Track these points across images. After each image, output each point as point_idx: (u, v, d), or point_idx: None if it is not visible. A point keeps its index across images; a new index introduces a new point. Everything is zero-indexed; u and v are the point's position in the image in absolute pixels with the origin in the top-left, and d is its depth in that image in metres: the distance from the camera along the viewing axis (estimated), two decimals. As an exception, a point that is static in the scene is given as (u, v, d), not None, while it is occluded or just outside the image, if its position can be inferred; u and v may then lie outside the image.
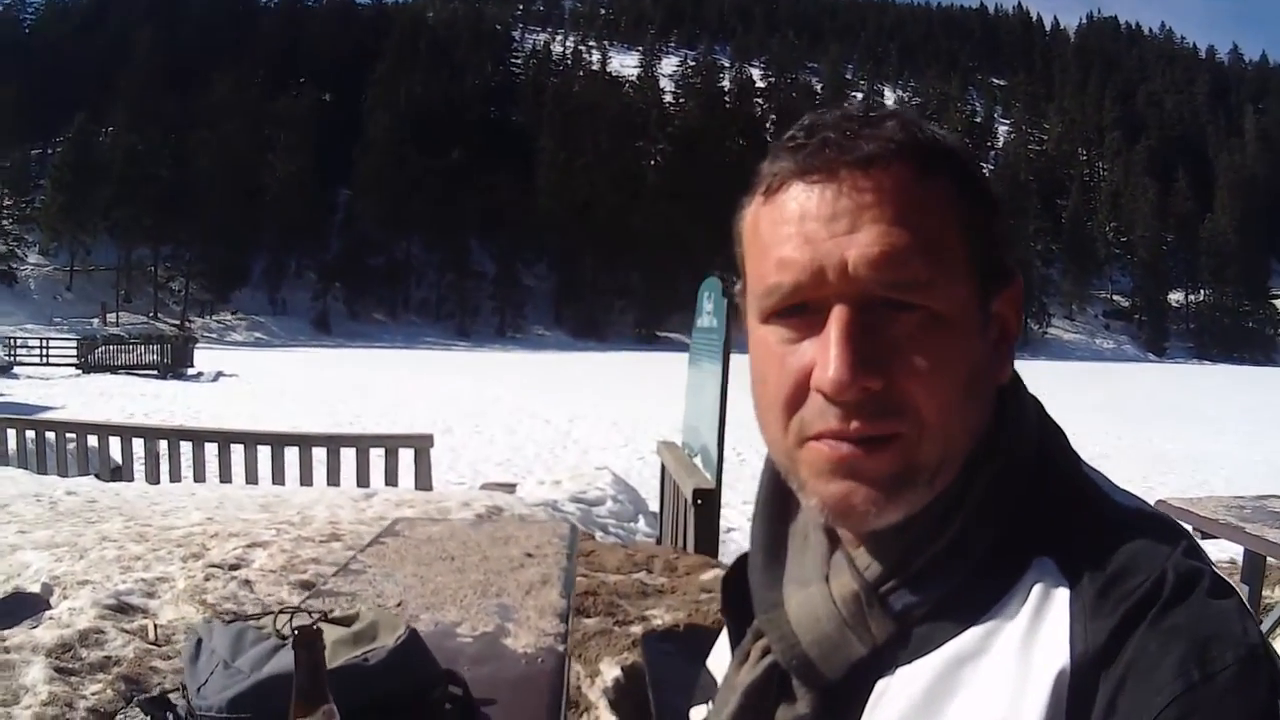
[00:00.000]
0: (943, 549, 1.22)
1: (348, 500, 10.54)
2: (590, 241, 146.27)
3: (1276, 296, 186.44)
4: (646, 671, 5.71)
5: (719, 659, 1.55)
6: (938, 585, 1.22)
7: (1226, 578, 1.15)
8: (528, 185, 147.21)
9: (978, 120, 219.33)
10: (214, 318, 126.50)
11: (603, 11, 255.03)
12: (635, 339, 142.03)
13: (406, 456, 13.77)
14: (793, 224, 1.22)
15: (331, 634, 2.82)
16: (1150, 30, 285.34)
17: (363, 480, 13.10)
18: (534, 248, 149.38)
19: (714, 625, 6.48)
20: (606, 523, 13.10)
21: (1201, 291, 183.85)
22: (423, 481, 13.57)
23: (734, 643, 1.47)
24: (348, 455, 13.55)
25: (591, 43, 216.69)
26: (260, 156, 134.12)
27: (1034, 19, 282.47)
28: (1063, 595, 1.15)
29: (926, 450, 1.19)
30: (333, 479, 13.25)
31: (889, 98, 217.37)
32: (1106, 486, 1.27)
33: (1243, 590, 6.62)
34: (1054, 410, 1.35)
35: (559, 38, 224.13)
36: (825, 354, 1.17)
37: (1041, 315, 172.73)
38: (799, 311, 1.22)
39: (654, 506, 14.70)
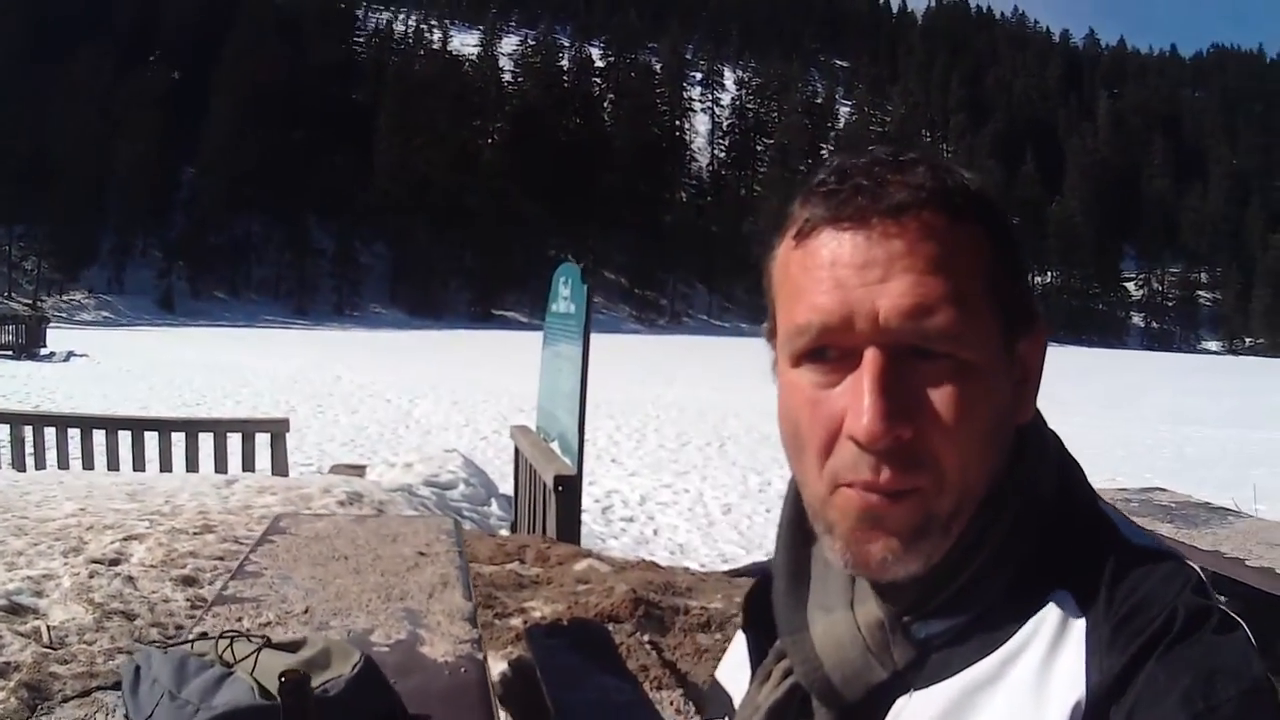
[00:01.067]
0: (965, 584, 1.26)
1: (210, 487, 10.51)
2: (426, 220, 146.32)
3: (1128, 279, 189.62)
4: (537, 667, 5.70)
5: (730, 671, 1.63)
6: (960, 615, 1.27)
7: (1234, 615, 1.19)
8: (367, 164, 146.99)
9: (818, 102, 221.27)
10: (63, 297, 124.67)
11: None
12: (470, 317, 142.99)
13: (262, 440, 13.91)
14: (824, 269, 1.24)
15: (279, 661, 2.75)
16: (1002, 14, 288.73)
17: (221, 465, 13.22)
18: (372, 226, 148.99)
19: (597, 619, 6.61)
20: (460, 506, 13.17)
21: (1049, 274, 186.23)
22: (279, 467, 13.73)
23: (754, 660, 1.54)
24: (205, 440, 13.62)
25: (434, 21, 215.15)
26: (111, 134, 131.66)
27: (880, 1, 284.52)
28: (1079, 629, 1.19)
29: (943, 502, 1.22)
30: (192, 465, 13.29)
31: (729, 78, 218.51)
32: (1121, 522, 1.32)
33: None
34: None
35: (402, 16, 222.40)
36: (859, 403, 1.19)
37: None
38: (829, 355, 1.25)
39: (504, 489, 14.92)
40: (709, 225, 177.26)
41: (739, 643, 1.64)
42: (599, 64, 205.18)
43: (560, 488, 9.42)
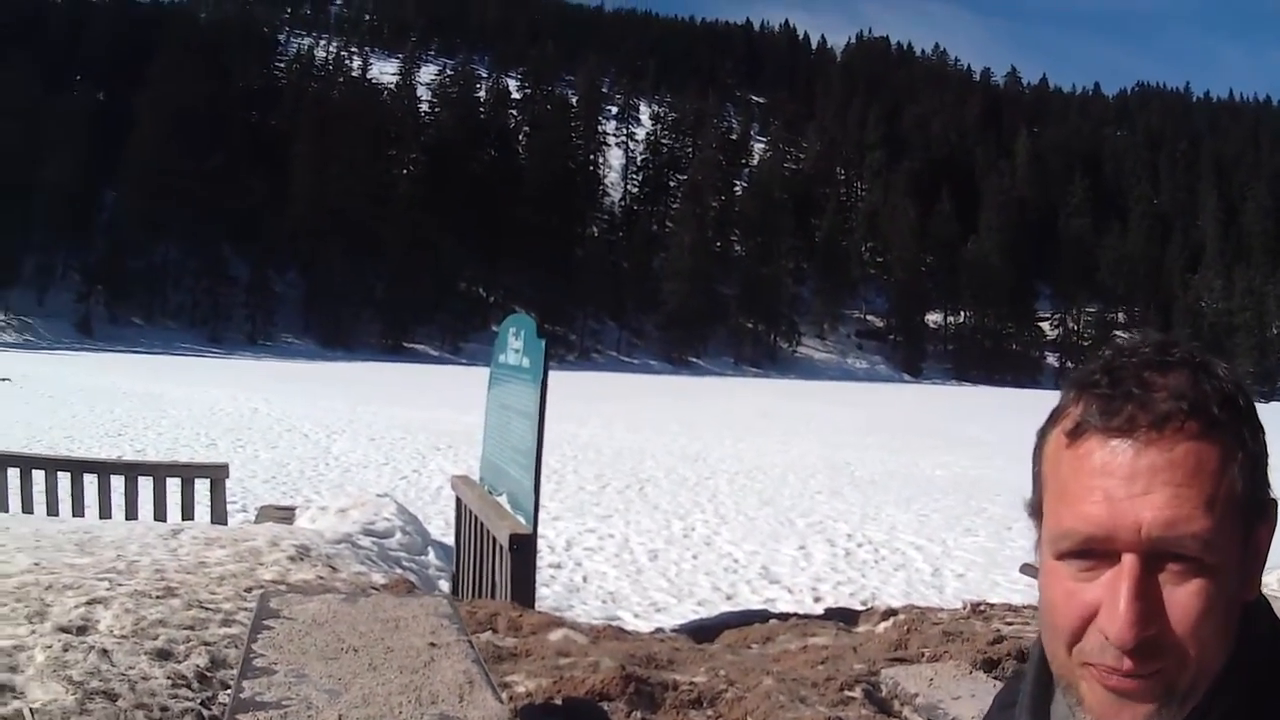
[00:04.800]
0: None
1: (157, 538, 10.25)
2: (340, 250, 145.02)
3: (1043, 319, 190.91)
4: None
5: None
6: None
7: None
8: (283, 191, 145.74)
9: (733, 138, 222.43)
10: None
11: (367, 18, 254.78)
12: (381, 349, 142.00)
13: (200, 484, 13.79)
14: (1095, 478, 1.33)
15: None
16: (923, 51, 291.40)
17: (160, 511, 12.91)
18: (286, 254, 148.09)
19: (588, 696, 6.41)
20: (399, 556, 12.72)
21: (962, 313, 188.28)
22: (218, 514, 13.49)
23: None
24: (145, 483, 13.28)
25: (354, 49, 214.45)
26: (35, 153, 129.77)
27: (800, 37, 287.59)
28: None
29: (1183, 680, 1.31)
30: (131, 510, 12.98)
31: (644, 112, 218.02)
32: None
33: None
34: (819, 433, 1.31)
35: (323, 42, 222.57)
36: (1115, 607, 1.29)
37: (792, 334, 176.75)
38: (1090, 554, 1.33)
39: (435, 534, 14.81)
40: (620, 260, 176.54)
41: None
42: (515, 95, 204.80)
43: (515, 547, 9.25)
